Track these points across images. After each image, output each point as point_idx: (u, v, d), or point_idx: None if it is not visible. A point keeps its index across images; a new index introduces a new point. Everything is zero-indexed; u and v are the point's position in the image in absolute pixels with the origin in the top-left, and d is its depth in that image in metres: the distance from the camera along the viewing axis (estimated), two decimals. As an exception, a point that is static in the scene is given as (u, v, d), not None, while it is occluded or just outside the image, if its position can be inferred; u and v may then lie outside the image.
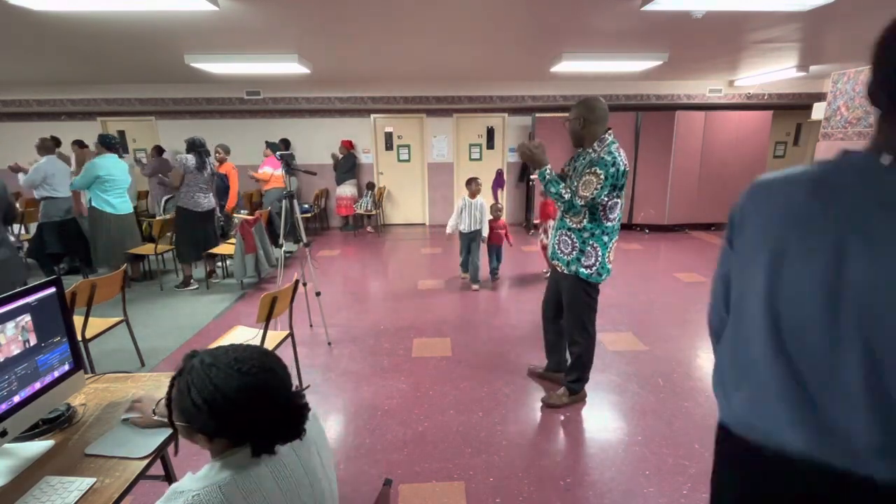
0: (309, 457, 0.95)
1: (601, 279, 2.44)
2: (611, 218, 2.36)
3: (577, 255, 2.42)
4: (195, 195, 4.62)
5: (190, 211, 4.65)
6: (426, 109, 7.83)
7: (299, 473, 0.90)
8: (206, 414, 0.84)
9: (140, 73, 6.25)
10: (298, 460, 0.92)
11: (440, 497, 2.00)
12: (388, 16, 3.65)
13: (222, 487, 0.81)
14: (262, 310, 2.40)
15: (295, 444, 0.92)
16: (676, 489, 2.04)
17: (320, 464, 0.98)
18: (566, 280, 2.50)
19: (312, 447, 0.97)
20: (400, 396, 2.80)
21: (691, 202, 7.56)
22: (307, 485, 0.91)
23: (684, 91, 7.72)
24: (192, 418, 0.86)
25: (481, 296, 4.57)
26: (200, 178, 4.61)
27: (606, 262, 2.42)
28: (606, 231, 2.38)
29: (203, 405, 0.83)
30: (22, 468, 1.20)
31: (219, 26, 3.85)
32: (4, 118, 7.50)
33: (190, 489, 0.81)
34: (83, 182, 4.46)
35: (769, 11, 3.57)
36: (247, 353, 0.90)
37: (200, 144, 4.60)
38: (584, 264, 2.41)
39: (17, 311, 1.23)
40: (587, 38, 4.56)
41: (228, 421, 0.85)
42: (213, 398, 0.83)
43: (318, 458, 0.98)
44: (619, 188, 2.30)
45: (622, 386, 2.90)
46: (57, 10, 3.24)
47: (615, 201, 2.33)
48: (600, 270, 2.42)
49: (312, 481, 0.93)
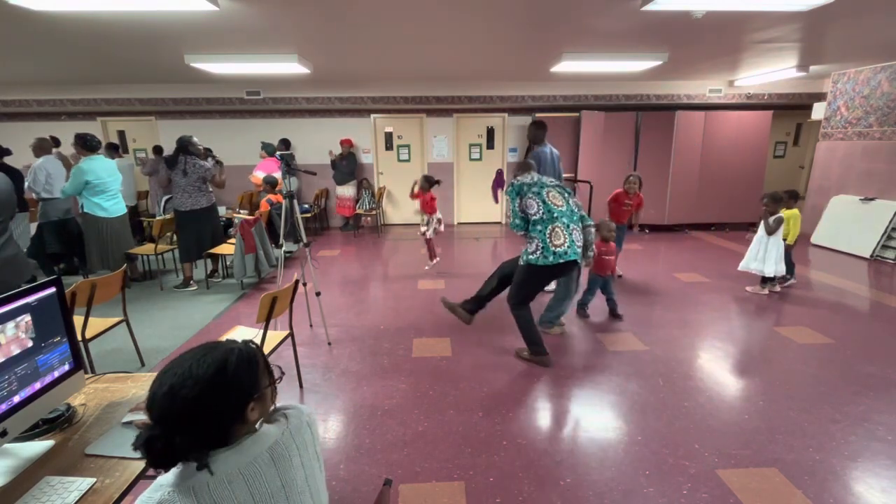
0: (289, 469, 0.94)
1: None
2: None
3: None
4: (179, 195, 4.55)
5: (178, 211, 4.61)
6: (426, 109, 7.84)
7: (275, 486, 0.91)
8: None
9: (140, 73, 6.26)
10: (276, 472, 0.92)
11: (440, 497, 2.00)
12: (388, 16, 3.66)
13: (195, 488, 0.83)
14: (262, 310, 2.40)
15: (275, 454, 0.93)
16: (676, 489, 2.04)
17: (304, 477, 0.97)
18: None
19: (296, 459, 0.97)
20: (400, 396, 2.79)
21: (691, 202, 7.56)
22: (283, 497, 0.92)
23: (684, 91, 7.72)
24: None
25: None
26: (183, 180, 4.50)
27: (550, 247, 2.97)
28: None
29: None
30: (22, 468, 1.20)
31: (219, 26, 3.85)
32: (4, 118, 7.50)
33: (167, 484, 0.84)
34: (72, 188, 4.34)
35: (769, 11, 3.57)
36: (193, 370, 0.88)
37: (185, 143, 4.48)
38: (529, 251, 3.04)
39: (17, 311, 1.23)
40: (587, 38, 4.56)
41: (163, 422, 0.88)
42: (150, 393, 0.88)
43: (303, 470, 0.98)
44: (522, 196, 3.02)
45: (622, 386, 2.90)
46: (57, 10, 3.24)
47: (528, 202, 3.00)
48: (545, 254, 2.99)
49: (289, 493, 0.93)
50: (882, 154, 6.12)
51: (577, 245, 2.99)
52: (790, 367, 3.13)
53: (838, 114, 6.74)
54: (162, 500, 0.81)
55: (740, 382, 2.95)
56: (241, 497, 0.86)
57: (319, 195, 7.77)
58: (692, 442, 2.35)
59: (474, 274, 5.32)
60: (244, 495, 0.86)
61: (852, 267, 5.50)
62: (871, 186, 6.24)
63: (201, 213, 4.69)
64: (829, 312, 3.55)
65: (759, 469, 2.15)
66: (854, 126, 6.50)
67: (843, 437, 2.37)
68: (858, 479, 2.09)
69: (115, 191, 4.61)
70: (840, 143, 6.73)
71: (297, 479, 0.95)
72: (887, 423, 2.48)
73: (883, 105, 6.05)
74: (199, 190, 4.63)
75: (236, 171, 7.45)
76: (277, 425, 0.98)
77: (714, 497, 1.99)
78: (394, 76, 6.98)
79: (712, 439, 2.37)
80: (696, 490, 2.03)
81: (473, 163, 8.34)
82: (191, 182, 4.55)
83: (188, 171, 4.51)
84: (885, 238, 5.75)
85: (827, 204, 6.63)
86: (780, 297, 4.44)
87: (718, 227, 7.73)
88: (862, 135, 6.39)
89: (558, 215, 2.96)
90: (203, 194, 4.69)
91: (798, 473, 2.12)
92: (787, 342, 3.50)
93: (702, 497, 1.99)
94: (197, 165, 4.55)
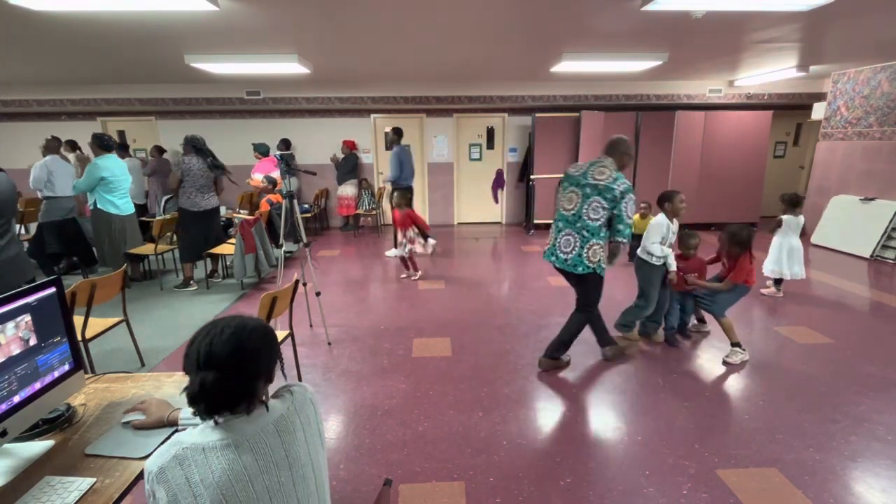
0: (293, 442, 1.00)
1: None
2: None
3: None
4: (192, 195, 4.57)
5: (187, 211, 4.63)
6: (426, 109, 7.83)
7: (279, 456, 0.96)
8: (188, 359, 0.95)
9: (140, 73, 6.25)
10: (281, 443, 0.97)
11: (440, 497, 2.00)
12: (388, 16, 3.66)
13: (206, 449, 0.90)
14: (262, 310, 2.40)
15: (280, 427, 0.98)
16: (676, 489, 2.04)
17: (307, 452, 1.02)
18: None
19: (300, 434, 1.02)
20: (400, 396, 2.79)
21: (691, 202, 7.47)
22: (286, 467, 0.97)
23: (684, 91, 7.72)
24: (184, 360, 0.96)
25: (482, 296, 4.57)
26: (201, 180, 4.56)
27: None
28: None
29: (191, 349, 0.95)
30: (22, 468, 1.20)
31: (219, 26, 3.85)
32: (4, 118, 7.50)
33: (183, 442, 0.92)
34: (87, 184, 4.41)
35: (769, 11, 3.56)
36: (248, 323, 1.00)
37: (202, 143, 4.55)
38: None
39: (17, 311, 1.23)
40: (587, 38, 4.56)
41: (192, 369, 0.94)
42: (196, 345, 0.94)
43: (306, 446, 1.03)
44: None
45: (622, 386, 2.90)
46: (57, 10, 3.24)
47: None
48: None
49: (292, 463, 0.98)
50: (882, 154, 6.11)
51: (561, 251, 2.90)
52: (790, 367, 3.13)
53: (838, 114, 6.74)
54: (178, 454, 0.89)
55: (740, 382, 2.95)
56: (246, 462, 0.92)
57: (319, 195, 7.77)
58: (692, 442, 2.35)
59: (474, 274, 5.33)
60: (249, 461, 0.92)
61: (852, 267, 5.50)
62: (871, 186, 6.24)
63: (212, 213, 4.76)
64: (830, 312, 3.55)
65: (759, 469, 2.15)
66: (854, 126, 6.50)
67: (843, 437, 2.37)
68: (858, 479, 2.09)
69: (126, 190, 4.68)
70: (840, 143, 6.73)
71: (300, 453, 1.01)
72: (887, 423, 2.48)
73: (883, 105, 6.05)
74: (209, 189, 4.69)
75: (236, 171, 7.38)
76: (282, 400, 1.05)
77: (714, 497, 1.99)
78: (394, 76, 6.98)
79: (712, 439, 2.37)
80: (696, 490, 2.03)
81: (473, 163, 8.34)
82: (206, 181, 4.61)
83: (212, 166, 4.58)
84: (885, 238, 5.75)
85: (827, 204, 6.63)
86: (780, 297, 4.43)
87: (718, 227, 7.72)
88: (862, 135, 6.39)
89: (558, 217, 2.99)
90: (213, 194, 4.75)
91: (798, 473, 2.12)
92: (787, 342, 3.49)
93: (702, 497, 1.99)
94: (217, 163, 4.64)
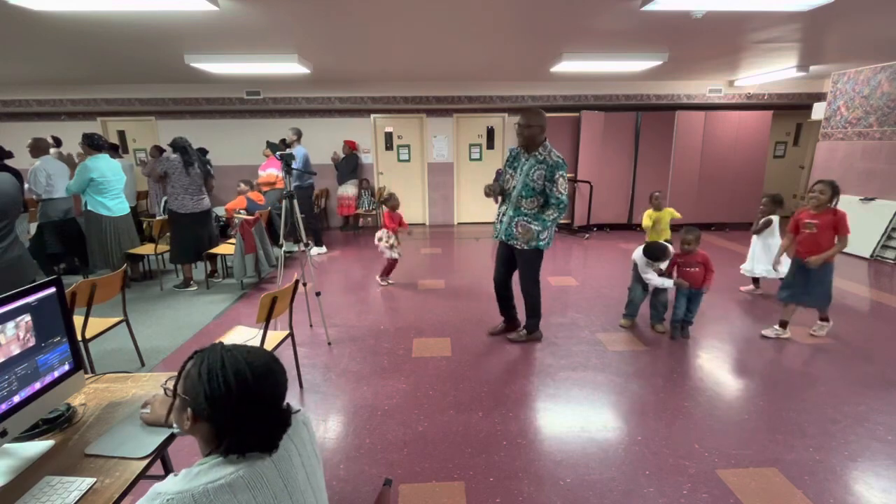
0: (290, 469, 0.94)
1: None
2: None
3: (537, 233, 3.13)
4: (181, 196, 4.51)
5: (176, 213, 4.57)
6: (426, 109, 7.84)
7: (278, 487, 0.90)
8: (202, 391, 0.87)
9: (140, 73, 6.26)
10: (278, 473, 0.91)
11: (440, 497, 2.00)
12: (388, 15, 3.66)
13: (195, 496, 0.81)
14: (262, 310, 2.40)
15: (275, 456, 0.92)
16: (676, 489, 2.04)
17: (304, 477, 0.97)
18: (525, 253, 3.24)
19: (296, 459, 0.96)
20: (400, 396, 2.80)
21: (691, 202, 7.56)
22: (286, 497, 0.91)
23: (684, 91, 7.72)
24: (190, 391, 0.89)
25: (482, 296, 4.57)
26: (186, 180, 4.48)
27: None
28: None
29: (205, 380, 0.87)
30: (22, 468, 1.20)
31: (219, 26, 3.85)
32: (4, 118, 7.50)
33: (167, 492, 0.82)
34: (77, 186, 4.37)
35: (769, 11, 3.57)
36: (259, 353, 0.96)
37: (184, 144, 4.47)
38: (541, 238, 3.17)
39: (17, 311, 1.23)
40: (587, 38, 4.56)
41: (216, 405, 0.87)
42: (214, 375, 0.87)
43: (303, 469, 0.97)
44: None
45: (622, 386, 2.90)
46: (56, 10, 3.25)
47: None
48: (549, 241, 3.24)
49: (292, 492, 0.92)
50: (882, 154, 6.11)
51: (503, 226, 3.30)
52: (790, 367, 3.13)
53: (838, 114, 6.74)
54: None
55: (740, 382, 2.95)
56: (243, 501, 0.85)
57: (319, 195, 7.76)
58: (692, 442, 2.35)
59: (474, 274, 5.33)
60: (247, 499, 0.85)
61: (852, 267, 5.50)
62: (871, 186, 6.23)
63: (201, 216, 4.69)
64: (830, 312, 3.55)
65: (759, 469, 2.15)
66: (854, 126, 6.50)
67: (843, 437, 2.37)
68: (858, 479, 2.09)
69: (119, 191, 4.63)
70: (840, 143, 6.73)
71: (298, 478, 0.95)
72: (887, 423, 2.48)
73: (883, 105, 6.05)
74: (199, 192, 4.63)
75: (236, 170, 7.46)
76: None
77: (714, 497, 1.99)
78: (394, 76, 6.98)
79: (712, 439, 2.37)
80: (696, 490, 2.03)
81: (473, 163, 8.34)
82: (195, 182, 4.54)
83: (195, 169, 4.50)
84: (885, 238, 5.75)
85: (827, 204, 6.62)
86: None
87: (718, 226, 7.73)
88: (862, 135, 6.38)
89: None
90: (203, 197, 4.69)
91: (798, 473, 2.12)
92: (787, 342, 3.50)
93: (702, 497, 1.99)
94: (198, 165, 4.55)
